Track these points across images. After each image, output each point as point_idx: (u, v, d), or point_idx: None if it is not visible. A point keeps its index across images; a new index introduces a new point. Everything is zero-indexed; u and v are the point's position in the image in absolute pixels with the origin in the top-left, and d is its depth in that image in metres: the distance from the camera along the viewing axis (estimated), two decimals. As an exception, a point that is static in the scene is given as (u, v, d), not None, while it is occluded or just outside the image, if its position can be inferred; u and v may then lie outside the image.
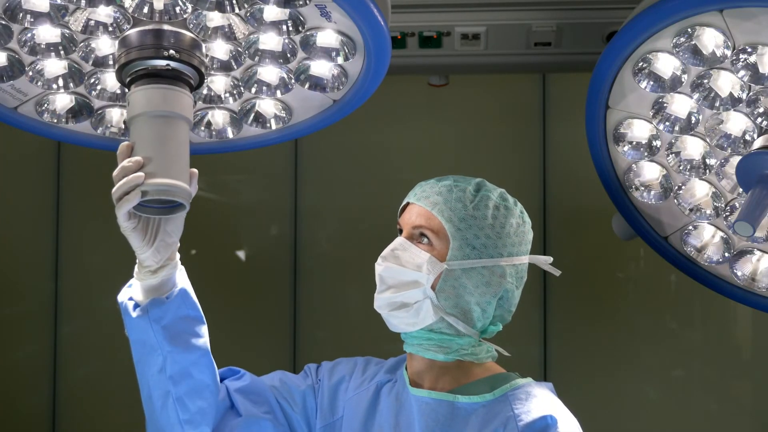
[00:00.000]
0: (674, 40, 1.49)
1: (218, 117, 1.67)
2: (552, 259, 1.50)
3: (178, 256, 1.42)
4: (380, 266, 1.45)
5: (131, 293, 1.41)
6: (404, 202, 1.51)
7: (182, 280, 1.42)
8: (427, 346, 1.45)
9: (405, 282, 1.43)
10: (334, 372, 1.56)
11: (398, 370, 1.53)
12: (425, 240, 1.44)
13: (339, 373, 1.55)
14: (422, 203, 1.45)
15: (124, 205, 1.30)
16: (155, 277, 1.39)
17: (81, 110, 1.61)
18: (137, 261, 1.39)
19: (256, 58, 1.48)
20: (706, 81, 1.53)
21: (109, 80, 1.56)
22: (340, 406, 1.52)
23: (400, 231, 1.48)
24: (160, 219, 1.37)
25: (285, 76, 1.54)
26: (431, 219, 1.44)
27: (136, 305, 1.40)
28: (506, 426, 1.36)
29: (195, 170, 1.39)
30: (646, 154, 1.69)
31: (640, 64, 1.55)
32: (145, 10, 1.36)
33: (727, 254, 1.77)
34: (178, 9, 1.37)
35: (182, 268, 1.44)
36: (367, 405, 1.50)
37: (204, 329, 1.43)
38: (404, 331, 1.47)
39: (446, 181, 1.48)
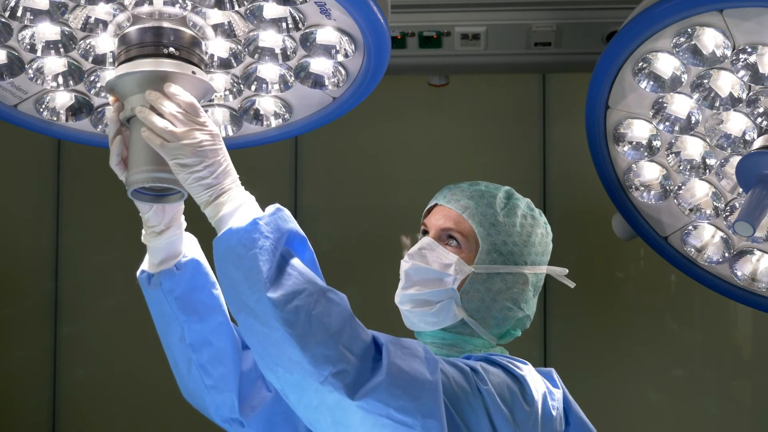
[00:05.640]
0: (674, 40, 1.49)
1: (218, 115, 1.66)
2: (567, 270, 1.50)
3: (183, 218, 1.44)
4: (407, 263, 1.44)
5: (144, 266, 1.44)
6: (431, 204, 1.50)
7: (194, 250, 1.45)
8: (440, 345, 1.45)
9: (431, 280, 1.42)
10: None
11: None
12: (453, 242, 1.43)
13: None
14: (452, 206, 1.44)
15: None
16: (160, 239, 1.41)
17: (81, 108, 1.60)
18: (143, 222, 1.41)
19: (256, 56, 1.48)
20: (706, 81, 1.53)
21: (109, 78, 1.55)
22: None
23: (425, 232, 1.48)
24: None
25: (285, 73, 1.54)
26: (461, 222, 1.43)
27: (150, 277, 1.42)
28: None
29: None
30: (646, 154, 1.69)
31: (640, 64, 1.54)
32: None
33: (727, 254, 1.77)
34: (177, 6, 1.37)
35: (194, 238, 1.45)
36: None
37: (220, 296, 1.43)
38: (423, 329, 1.46)
39: (477, 186, 1.47)
